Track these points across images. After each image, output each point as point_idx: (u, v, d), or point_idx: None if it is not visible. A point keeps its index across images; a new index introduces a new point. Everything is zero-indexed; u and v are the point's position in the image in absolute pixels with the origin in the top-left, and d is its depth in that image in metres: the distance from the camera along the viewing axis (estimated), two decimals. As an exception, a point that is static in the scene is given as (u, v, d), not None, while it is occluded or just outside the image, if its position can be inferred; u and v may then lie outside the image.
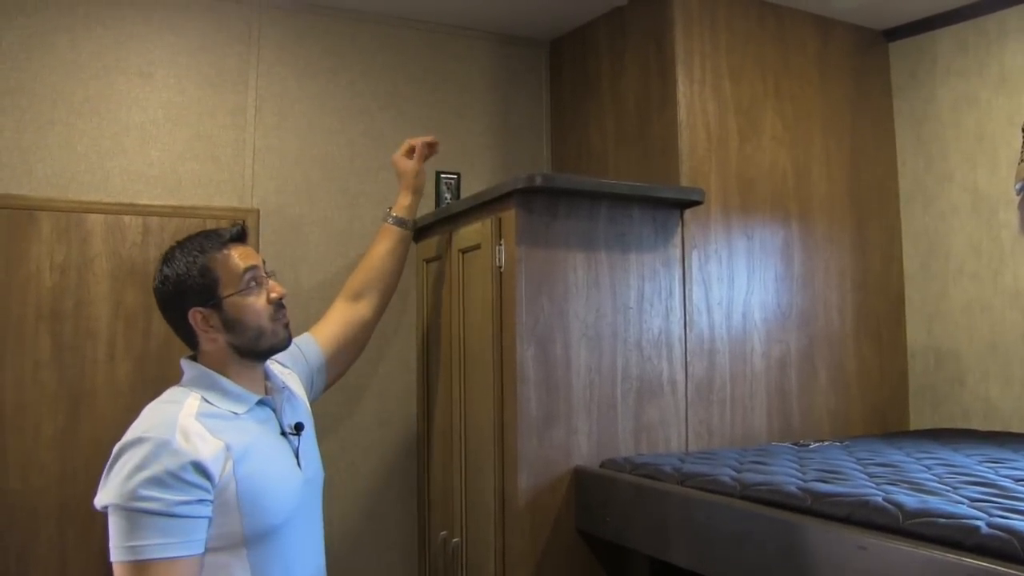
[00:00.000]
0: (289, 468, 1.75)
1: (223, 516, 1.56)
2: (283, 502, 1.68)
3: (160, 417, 1.60)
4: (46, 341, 2.43)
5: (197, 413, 1.61)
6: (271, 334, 1.74)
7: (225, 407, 1.68)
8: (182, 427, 1.56)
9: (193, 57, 2.69)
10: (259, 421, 1.73)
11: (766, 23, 2.81)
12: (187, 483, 1.51)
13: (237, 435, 1.63)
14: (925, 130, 2.99)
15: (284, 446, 1.77)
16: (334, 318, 2.28)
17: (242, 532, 1.59)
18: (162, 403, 1.67)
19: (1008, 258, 2.72)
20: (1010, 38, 2.73)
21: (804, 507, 1.61)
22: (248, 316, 1.72)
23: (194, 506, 1.52)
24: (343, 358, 2.27)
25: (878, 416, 2.92)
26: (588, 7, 2.92)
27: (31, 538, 2.35)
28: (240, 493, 1.58)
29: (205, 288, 1.70)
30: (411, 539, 2.87)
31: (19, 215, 2.42)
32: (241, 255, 1.73)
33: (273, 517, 1.64)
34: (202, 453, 1.54)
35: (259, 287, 1.74)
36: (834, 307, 2.85)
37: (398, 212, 2.43)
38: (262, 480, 1.63)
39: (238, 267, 1.72)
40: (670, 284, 2.46)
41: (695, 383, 2.49)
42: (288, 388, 1.91)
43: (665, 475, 2.00)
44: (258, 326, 1.72)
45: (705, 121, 2.63)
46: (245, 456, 1.62)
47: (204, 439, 1.57)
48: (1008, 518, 1.38)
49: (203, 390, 1.69)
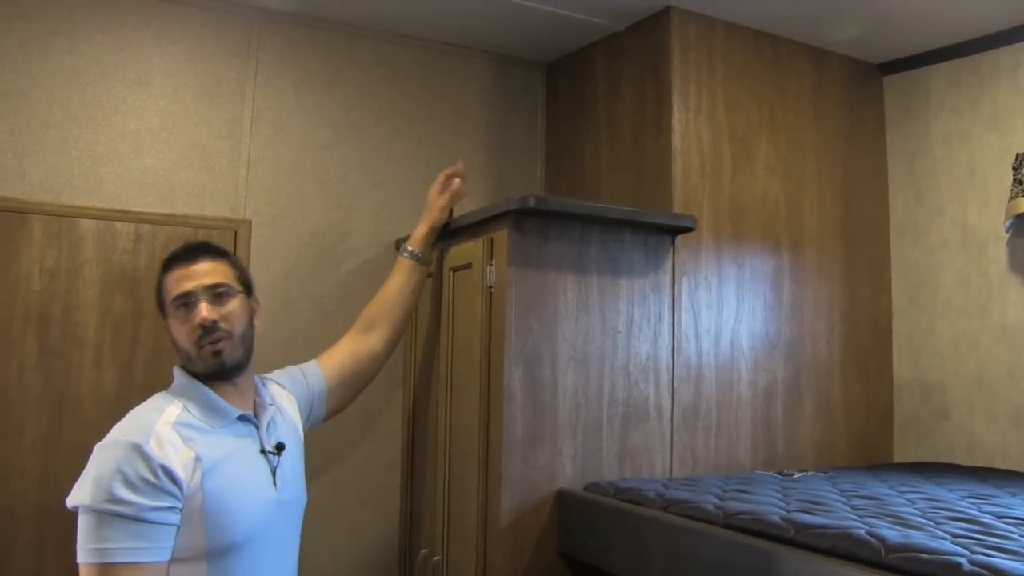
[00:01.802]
0: (261, 487, 1.73)
1: (188, 527, 1.57)
2: (248, 520, 1.66)
3: (139, 422, 1.62)
4: (32, 345, 2.41)
5: (175, 421, 1.63)
6: (198, 359, 1.74)
7: (203, 419, 1.69)
8: (157, 433, 1.59)
9: (191, 66, 2.69)
10: (237, 436, 1.73)
11: (762, 53, 2.83)
12: (158, 488, 1.53)
13: (210, 448, 1.64)
14: (917, 164, 3.01)
15: (261, 464, 1.76)
16: (342, 348, 2.26)
17: (204, 545, 1.59)
18: (144, 408, 1.69)
19: (996, 294, 2.74)
20: (1003, 77, 2.76)
21: (787, 537, 1.61)
22: (177, 338, 1.75)
23: (164, 513, 1.53)
24: (347, 389, 2.24)
25: (863, 448, 2.92)
26: (585, 31, 2.94)
27: (9, 540, 2.33)
28: (205, 506, 1.58)
29: (160, 304, 1.79)
30: (392, 556, 2.85)
31: (11, 218, 2.41)
32: (178, 277, 1.75)
33: (235, 534, 1.63)
34: (172, 460, 1.56)
35: (187, 311, 1.73)
36: (822, 338, 2.86)
37: (412, 246, 2.40)
38: (229, 495, 1.63)
39: (171, 290, 1.75)
40: (659, 309, 2.47)
41: (681, 409, 2.49)
42: (278, 408, 1.91)
43: (648, 500, 2.00)
44: (184, 349, 1.75)
45: (699, 148, 2.65)
46: (214, 469, 1.62)
47: (176, 448, 1.59)
48: (990, 555, 1.38)
49: (186, 400, 1.71)
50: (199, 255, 1.79)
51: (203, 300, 1.73)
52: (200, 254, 1.79)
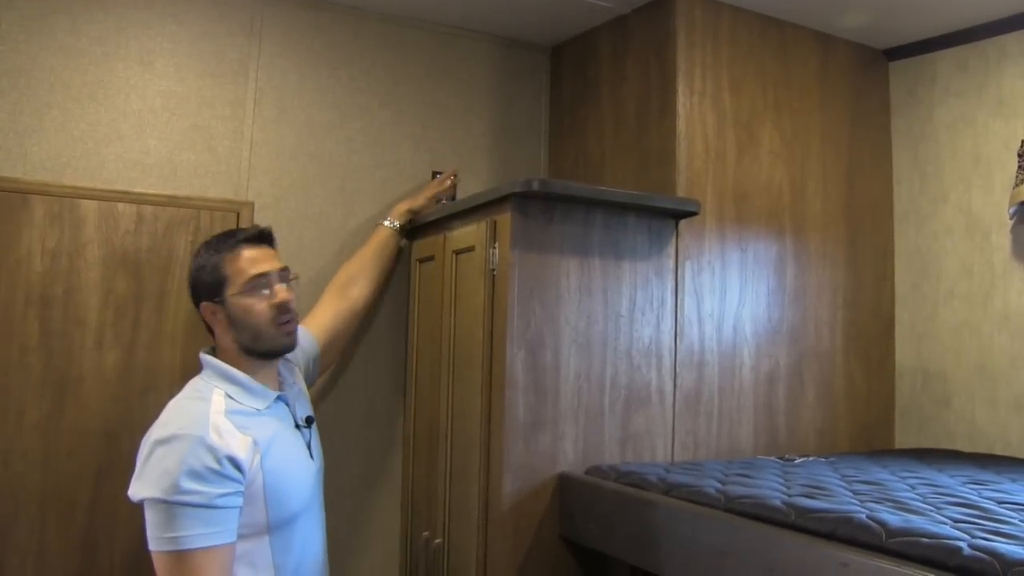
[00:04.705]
0: (304, 459, 1.88)
1: (250, 506, 1.68)
2: (301, 492, 1.81)
3: (192, 414, 1.70)
4: (34, 326, 2.41)
5: (225, 410, 1.72)
6: (269, 338, 1.83)
7: (248, 403, 1.78)
8: (214, 424, 1.67)
9: (194, 46, 2.68)
10: (277, 416, 1.84)
11: (768, 37, 2.81)
12: (224, 476, 1.62)
13: (261, 430, 1.75)
14: (922, 150, 3.00)
15: (298, 439, 1.89)
16: (325, 309, 2.39)
17: (266, 521, 1.71)
18: (190, 399, 1.77)
19: (999, 281, 2.73)
20: (1009, 62, 2.75)
21: (788, 522, 1.62)
22: (249, 317, 1.81)
23: (230, 497, 1.63)
24: (335, 347, 2.39)
25: (864, 434, 2.93)
26: (591, 14, 2.92)
27: (10, 523, 2.33)
28: (266, 484, 1.70)
29: (214, 285, 1.82)
30: (394, 539, 2.86)
31: (12, 198, 2.40)
32: (253, 258, 1.83)
33: (295, 506, 1.77)
34: (234, 448, 1.66)
35: (264, 290, 1.82)
36: (824, 324, 2.86)
37: (393, 217, 2.63)
38: (285, 472, 1.76)
39: (245, 269, 1.82)
40: (662, 294, 2.46)
41: (683, 394, 2.49)
42: (296, 383, 2.02)
43: (650, 484, 2.00)
44: (256, 328, 1.81)
45: (704, 132, 2.64)
46: (269, 450, 1.73)
47: (234, 435, 1.68)
48: (990, 540, 1.38)
49: (227, 385, 1.78)
50: (267, 240, 1.91)
51: (279, 282, 1.84)
52: (267, 239, 1.91)
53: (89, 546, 2.39)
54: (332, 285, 2.46)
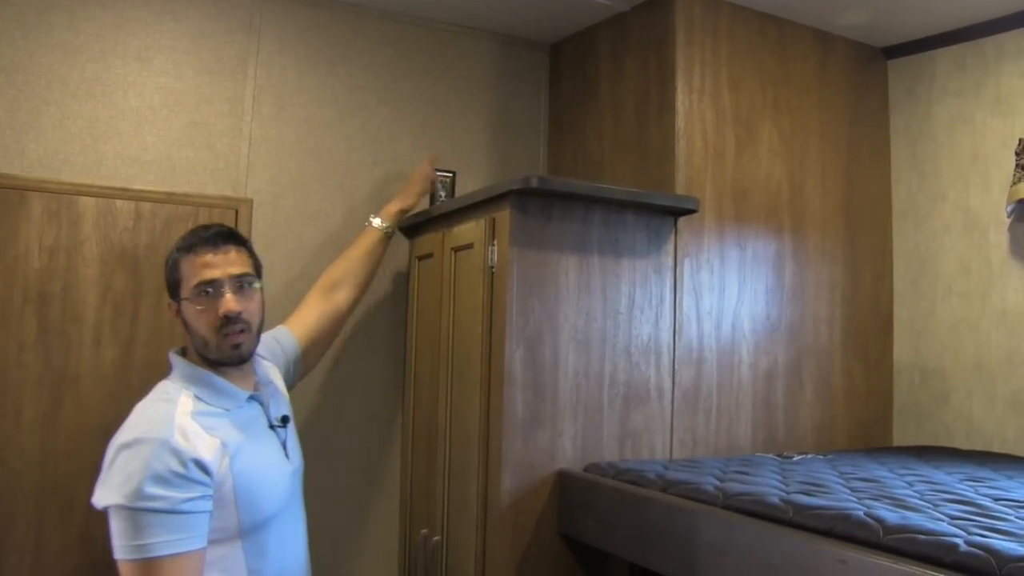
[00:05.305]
0: (279, 460, 1.81)
1: (221, 510, 1.61)
2: (276, 494, 1.74)
3: (157, 416, 1.63)
4: (32, 324, 2.41)
5: (192, 412, 1.65)
6: (215, 347, 1.73)
7: (217, 404, 1.71)
8: (180, 426, 1.60)
9: (193, 43, 2.68)
10: (249, 416, 1.77)
11: (767, 34, 2.81)
12: (190, 480, 1.55)
13: (231, 432, 1.67)
14: (920, 148, 3.00)
15: (273, 439, 1.82)
16: (309, 310, 2.32)
17: (238, 525, 1.64)
18: (155, 401, 1.69)
19: (997, 279, 2.74)
20: (1007, 61, 2.75)
21: (786, 519, 1.62)
22: (194, 324, 1.73)
23: (197, 502, 1.56)
24: (317, 349, 2.33)
25: (862, 431, 2.93)
26: (590, 12, 2.92)
27: (8, 521, 2.33)
28: (236, 488, 1.63)
29: (173, 284, 1.77)
30: (392, 536, 2.86)
31: (10, 195, 2.40)
32: (206, 262, 1.72)
33: (268, 509, 1.70)
34: (201, 451, 1.59)
35: (211, 299, 1.72)
36: (823, 321, 2.86)
37: (384, 219, 2.55)
38: (256, 474, 1.68)
39: (194, 276, 1.73)
40: (661, 291, 2.47)
41: (682, 391, 2.49)
42: (272, 382, 1.95)
43: (648, 481, 2.00)
44: (201, 336, 1.73)
45: (703, 130, 2.64)
46: (239, 452, 1.66)
47: (201, 437, 1.61)
48: (987, 537, 1.39)
49: (195, 387, 1.71)
50: (226, 242, 1.77)
51: (229, 290, 1.73)
52: (227, 240, 1.78)
53: (86, 544, 2.39)
54: (318, 286, 2.39)
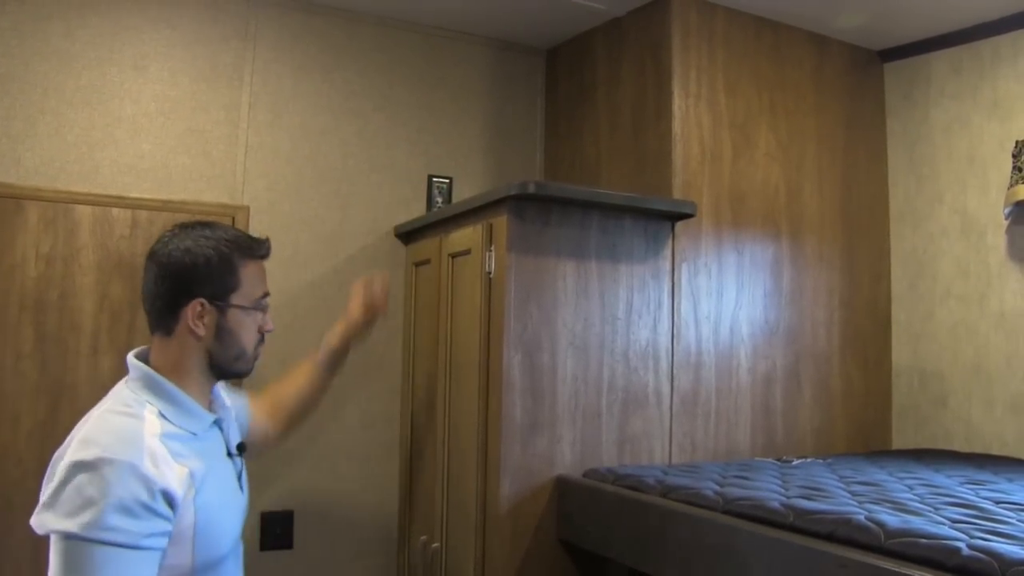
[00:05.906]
0: (235, 493, 1.62)
1: (176, 547, 1.41)
2: (233, 530, 1.56)
3: (123, 434, 1.41)
4: (29, 332, 2.40)
5: (161, 433, 1.43)
6: (246, 361, 1.60)
7: (184, 426, 1.50)
8: (149, 448, 1.39)
9: (188, 51, 2.67)
10: (211, 441, 1.59)
11: (763, 39, 2.82)
12: (155, 513, 1.35)
13: (197, 460, 1.48)
14: (917, 151, 3.00)
15: (230, 468, 1.63)
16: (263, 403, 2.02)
17: (192, 564, 1.44)
18: (118, 415, 1.47)
19: (995, 281, 2.74)
20: (1003, 64, 2.75)
21: (786, 523, 1.61)
22: (242, 334, 1.58)
23: (157, 538, 1.36)
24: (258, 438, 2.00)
25: (861, 434, 2.93)
26: (586, 17, 2.92)
27: (6, 529, 2.32)
28: (198, 523, 1.44)
29: (222, 284, 1.55)
30: (391, 543, 2.85)
31: (6, 203, 2.39)
32: (263, 275, 1.62)
33: (224, 547, 1.52)
34: (170, 480, 1.38)
35: (263, 313, 1.62)
36: (821, 325, 2.86)
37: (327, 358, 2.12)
38: (218, 509, 1.49)
39: (260, 285, 1.60)
40: (659, 296, 2.46)
41: (680, 396, 2.49)
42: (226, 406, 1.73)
43: (648, 487, 2.00)
44: (243, 347, 1.58)
45: (699, 135, 2.64)
46: (204, 483, 1.47)
47: (170, 465, 1.40)
48: (988, 540, 1.38)
49: (159, 401, 1.50)
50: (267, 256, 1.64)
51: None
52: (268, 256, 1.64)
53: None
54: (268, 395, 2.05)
